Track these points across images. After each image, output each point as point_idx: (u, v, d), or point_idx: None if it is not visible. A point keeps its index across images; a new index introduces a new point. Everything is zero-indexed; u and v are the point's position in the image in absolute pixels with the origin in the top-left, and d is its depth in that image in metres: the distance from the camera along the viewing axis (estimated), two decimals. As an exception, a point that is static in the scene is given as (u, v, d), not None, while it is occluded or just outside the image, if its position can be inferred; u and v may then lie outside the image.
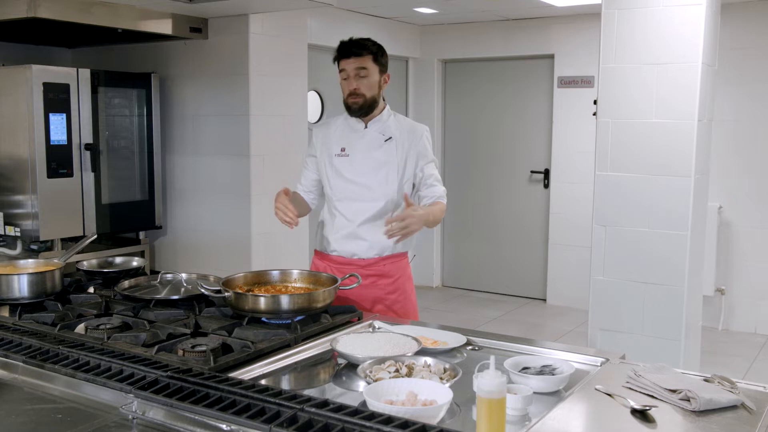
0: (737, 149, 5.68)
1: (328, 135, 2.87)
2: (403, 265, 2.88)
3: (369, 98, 2.74)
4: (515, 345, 2.14)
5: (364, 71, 2.71)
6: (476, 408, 1.48)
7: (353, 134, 2.82)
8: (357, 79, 2.71)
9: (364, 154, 2.79)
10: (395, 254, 2.84)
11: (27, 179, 4.31)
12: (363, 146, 2.79)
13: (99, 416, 1.58)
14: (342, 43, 2.75)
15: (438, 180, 2.83)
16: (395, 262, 2.84)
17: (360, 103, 2.73)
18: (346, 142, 2.82)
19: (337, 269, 2.79)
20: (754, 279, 5.74)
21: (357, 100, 2.73)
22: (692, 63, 3.67)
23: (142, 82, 4.96)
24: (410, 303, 2.88)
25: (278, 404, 1.46)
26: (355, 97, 2.73)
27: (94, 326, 2.10)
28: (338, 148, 2.82)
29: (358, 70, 2.71)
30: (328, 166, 2.84)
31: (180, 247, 5.26)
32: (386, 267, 2.81)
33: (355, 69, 2.71)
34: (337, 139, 2.84)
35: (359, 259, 2.80)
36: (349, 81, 2.73)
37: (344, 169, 2.80)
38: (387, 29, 6.55)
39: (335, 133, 2.86)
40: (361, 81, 2.71)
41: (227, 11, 4.63)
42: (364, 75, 2.71)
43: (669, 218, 3.76)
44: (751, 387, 1.79)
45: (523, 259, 6.88)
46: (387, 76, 2.80)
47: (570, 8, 5.88)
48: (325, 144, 2.87)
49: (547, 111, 6.58)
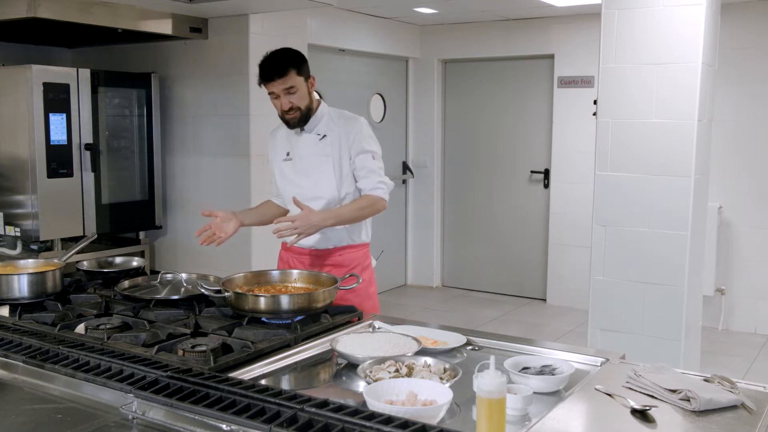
0: (737, 149, 5.68)
1: (276, 141, 2.96)
2: (360, 256, 2.89)
3: (304, 109, 2.77)
4: (515, 345, 2.14)
5: (293, 89, 2.72)
6: (476, 408, 1.48)
7: (294, 137, 2.88)
8: (287, 95, 2.73)
9: (303, 156, 2.85)
10: (353, 245, 2.87)
11: (27, 179, 4.31)
12: (301, 148, 2.86)
13: (99, 416, 1.58)
14: (262, 66, 2.73)
15: (372, 171, 2.80)
16: (352, 253, 2.87)
17: (298, 117, 2.77)
18: (289, 146, 2.90)
19: (298, 259, 2.88)
20: (754, 279, 5.74)
21: (294, 115, 2.76)
22: (692, 63, 3.67)
23: (142, 82, 4.96)
24: (367, 294, 2.85)
25: (278, 404, 1.46)
26: (291, 112, 2.76)
27: (94, 326, 2.10)
28: (284, 153, 2.91)
29: (287, 90, 2.71)
30: (277, 171, 2.94)
31: (180, 247, 5.26)
32: (342, 257, 2.84)
33: (282, 89, 2.71)
34: (282, 144, 2.92)
35: (315, 250, 2.85)
36: (281, 100, 2.74)
37: (288, 172, 2.89)
38: (387, 29, 6.55)
39: (281, 139, 2.94)
40: (291, 97, 2.73)
41: (227, 11, 4.63)
42: (293, 92, 2.72)
43: (669, 218, 3.76)
44: (751, 387, 1.79)
45: (523, 259, 6.88)
46: (312, 79, 2.80)
47: (570, 8, 5.88)
48: (273, 150, 2.96)
49: (547, 111, 6.58)
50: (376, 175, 2.81)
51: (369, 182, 2.80)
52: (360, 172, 2.81)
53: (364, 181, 2.81)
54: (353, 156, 2.80)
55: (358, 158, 2.80)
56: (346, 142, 2.80)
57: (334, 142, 2.80)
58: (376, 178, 2.81)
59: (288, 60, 2.72)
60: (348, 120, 2.85)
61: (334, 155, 2.79)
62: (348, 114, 2.90)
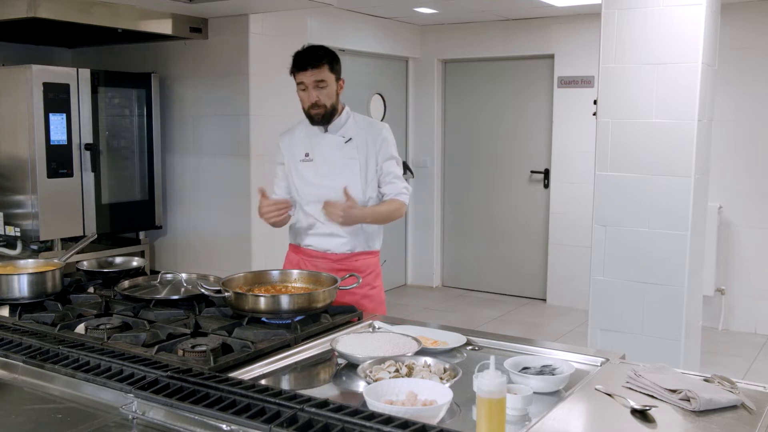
0: (737, 149, 5.68)
1: (293, 141, 2.92)
2: (373, 263, 2.92)
3: (329, 107, 2.78)
4: (515, 345, 2.14)
5: (323, 83, 2.73)
6: (476, 408, 1.48)
7: (315, 138, 2.86)
8: (316, 89, 2.73)
9: (327, 158, 2.83)
10: (367, 251, 2.88)
11: (27, 179, 4.31)
12: (325, 150, 2.84)
13: (99, 416, 1.58)
14: (297, 55, 2.75)
15: (397, 177, 2.86)
16: (367, 259, 2.88)
17: (322, 113, 2.77)
18: (309, 147, 2.87)
19: (311, 262, 2.85)
20: (754, 279, 5.74)
21: (319, 111, 2.77)
22: (692, 63, 3.67)
23: (142, 82, 4.96)
24: (379, 299, 2.90)
25: (278, 404, 1.46)
26: (317, 108, 2.76)
27: (94, 326, 2.10)
28: (302, 153, 2.88)
29: (317, 82, 2.73)
30: (294, 171, 2.89)
31: (180, 247, 5.26)
32: (358, 263, 2.85)
33: (313, 81, 2.72)
34: (301, 144, 2.89)
35: (332, 254, 2.85)
36: (309, 93, 2.74)
37: (309, 174, 2.86)
38: (387, 29, 6.55)
39: (299, 138, 2.91)
40: (320, 92, 2.74)
41: (227, 11, 4.63)
42: (322, 86, 2.74)
43: (669, 218, 3.76)
44: (751, 387, 1.79)
45: (523, 259, 6.87)
46: (342, 81, 2.83)
47: (570, 8, 5.88)
48: (290, 150, 2.92)
49: (547, 111, 6.58)
50: (401, 180, 2.87)
51: (394, 187, 2.84)
52: (386, 177, 2.84)
53: (390, 186, 2.84)
54: (380, 162, 2.83)
55: (386, 164, 2.84)
56: (373, 147, 2.82)
57: (360, 146, 2.82)
58: (401, 183, 2.86)
59: (325, 54, 2.75)
60: (373, 125, 2.89)
61: (360, 159, 2.81)
62: (371, 119, 2.97)
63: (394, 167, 2.86)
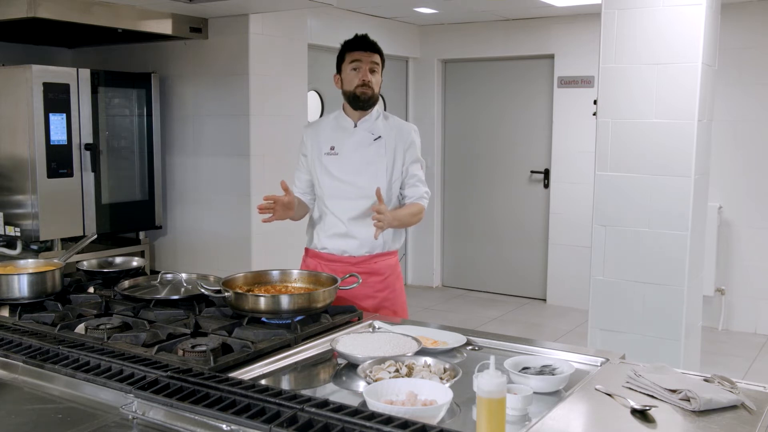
0: (737, 149, 5.68)
1: (318, 133, 2.89)
2: (393, 263, 2.89)
3: (375, 93, 2.82)
4: (515, 345, 2.14)
5: (376, 67, 2.80)
6: (476, 408, 1.48)
7: (343, 133, 2.84)
8: (371, 71, 2.78)
9: (353, 153, 2.81)
10: (386, 252, 2.85)
11: (27, 179, 4.31)
12: (352, 145, 2.82)
13: (99, 416, 1.58)
14: (357, 38, 2.81)
15: (420, 181, 2.86)
16: (386, 260, 2.85)
17: (369, 95, 2.79)
18: (335, 140, 2.84)
19: (328, 266, 2.80)
20: (754, 279, 5.74)
21: (367, 91, 2.78)
22: (692, 63, 3.66)
23: (142, 82, 4.95)
24: (400, 301, 2.88)
25: (278, 404, 1.46)
26: (366, 87, 2.78)
27: (94, 326, 2.10)
28: (328, 146, 2.85)
29: (373, 65, 2.78)
30: (318, 164, 2.85)
31: (180, 247, 5.26)
32: (377, 265, 2.82)
33: (370, 62, 2.78)
34: (327, 137, 2.86)
35: (350, 257, 2.81)
36: (363, 71, 2.77)
37: (333, 168, 2.82)
38: (387, 29, 6.55)
39: (325, 131, 2.88)
40: (373, 75, 2.79)
41: (227, 11, 4.63)
42: (375, 70, 2.79)
43: (669, 218, 3.76)
44: (751, 387, 1.79)
45: (523, 259, 6.87)
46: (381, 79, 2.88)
47: (570, 8, 5.88)
48: (315, 142, 2.88)
49: (547, 111, 6.58)
50: (423, 185, 2.87)
51: (417, 191, 2.84)
52: (410, 180, 2.84)
53: (413, 190, 2.84)
54: (407, 164, 2.83)
55: (412, 166, 2.84)
56: (402, 148, 2.82)
57: (389, 146, 2.81)
58: (423, 188, 2.86)
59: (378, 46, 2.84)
60: (403, 126, 2.89)
61: (388, 158, 2.80)
62: (401, 120, 2.96)
63: (419, 170, 2.86)
